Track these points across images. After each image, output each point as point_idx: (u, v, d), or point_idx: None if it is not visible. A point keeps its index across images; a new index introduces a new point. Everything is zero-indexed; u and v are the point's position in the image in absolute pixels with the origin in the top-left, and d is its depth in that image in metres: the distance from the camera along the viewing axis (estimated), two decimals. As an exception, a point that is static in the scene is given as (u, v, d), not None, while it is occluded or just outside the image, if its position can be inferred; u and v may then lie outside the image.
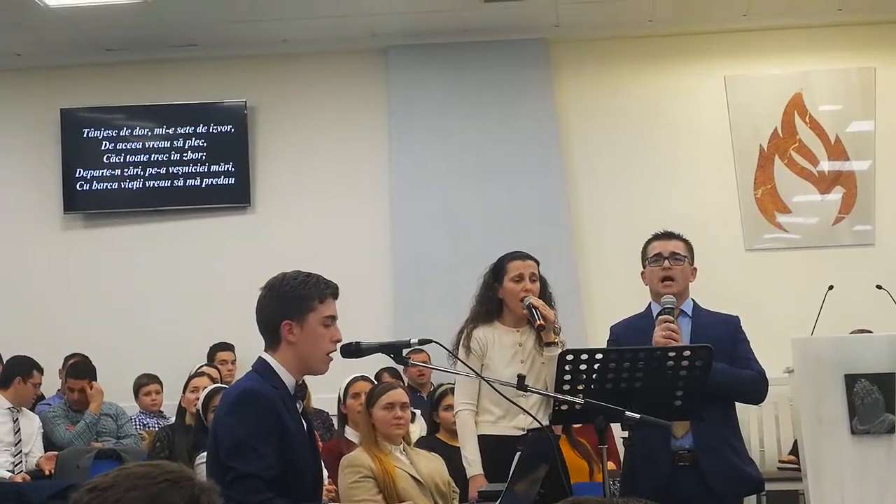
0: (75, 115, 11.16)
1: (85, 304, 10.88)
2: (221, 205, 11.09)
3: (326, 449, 7.10)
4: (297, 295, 4.20)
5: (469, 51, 10.98)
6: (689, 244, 5.62)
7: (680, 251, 5.53)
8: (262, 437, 4.02)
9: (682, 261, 5.50)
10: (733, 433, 5.43)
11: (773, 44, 10.88)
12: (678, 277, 5.47)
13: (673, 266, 5.47)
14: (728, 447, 5.32)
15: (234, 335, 9.90)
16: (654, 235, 5.66)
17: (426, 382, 9.75)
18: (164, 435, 7.78)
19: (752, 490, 5.73)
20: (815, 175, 10.70)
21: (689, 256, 5.57)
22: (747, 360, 5.37)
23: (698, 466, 5.24)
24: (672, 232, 5.65)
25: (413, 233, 10.72)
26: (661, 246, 5.55)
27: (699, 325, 5.45)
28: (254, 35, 10.89)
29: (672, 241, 5.58)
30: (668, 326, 5.20)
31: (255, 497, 3.97)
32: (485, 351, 5.81)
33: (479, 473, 5.62)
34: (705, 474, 5.22)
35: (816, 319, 8.74)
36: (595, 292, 10.47)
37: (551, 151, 10.80)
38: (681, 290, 5.48)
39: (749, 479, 5.43)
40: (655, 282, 5.50)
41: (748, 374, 5.32)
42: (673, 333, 5.17)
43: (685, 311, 5.49)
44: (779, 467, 9.43)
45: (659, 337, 5.17)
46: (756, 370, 5.36)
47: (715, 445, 5.25)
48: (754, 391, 5.40)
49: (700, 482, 5.21)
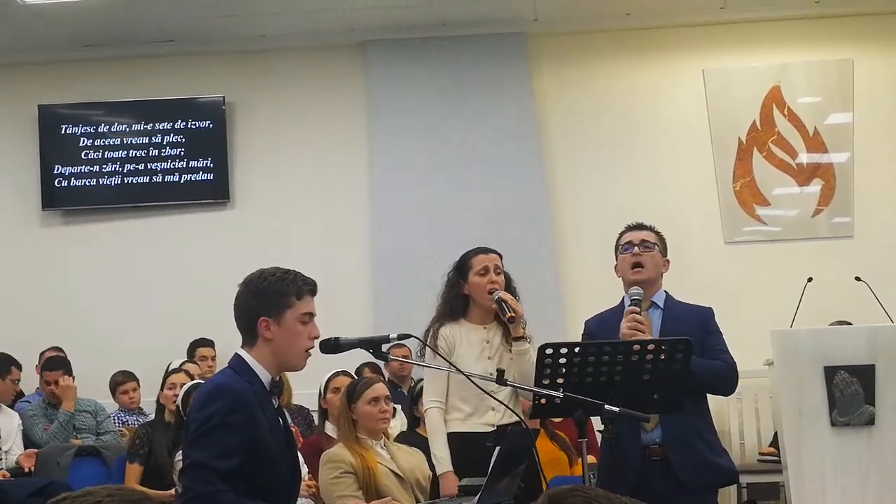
0: (53, 112, 11.12)
1: (64, 300, 10.85)
2: (200, 200, 11.07)
3: (307, 444, 7.12)
4: (274, 291, 4.19)
5: (447, 45, 10.98)
6: (661, 235, 5.62)
7: (650, 239, 5.53)
8: (224, 430, 3.99)
9: (651, 248, 5.49)
10: (705, 425, 5.38)
11: (751, 36, 10.90)
12: (648, 264, 5.45)
13: (643, 253, 5.46)
14: (699, 439, 5.27)
15: (213, 331, 9.87)
16: (627, 227, 5.67)
17: (407, 377, 9.77)
18: (143, 432, 7.77)
19: (725, 482, 5.68)
20: (793, 167, 10.73)
21: (661, 246, 5.56)
22: (718, 351, 5.32)
23: (668, 460, 5.23)
24: (643, 223, 5.66)
25: (392, 228, 10.72)
26: (632, 235, 5.56)
27: (670, 316, 5.43)
28: (231, 30, 10.88)
29: (643, 231, 5.58)
30: (634, 318, 5.18)
31: (203, 486, 3.95)
32: (452, 349, 5.76)
33: (448, 470, 5.59)
34: (675, 467, 5.19)
35: (796, 311, 8.75)
36: (575, 287, 10.47)
37: (531, 145, 10.80)
38: (651, 278, 5.46)
39: (721, 471, 5.37)
40: (626, 270, 5.49)
41: (718, 364, 5.28)
42: (639, 325, 5.15)
43: (657, 303, 5.47)
44: (759, 459, 9.45)
45: (625, 328, 5.16)
46: (726, 361, 5.34)
47: (684, 438, 5.22)
48: (724, 382, 5.36)
49: (671, 476, 5.18)
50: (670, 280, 5.61)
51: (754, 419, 9.98)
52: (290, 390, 8.57)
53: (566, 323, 10.02)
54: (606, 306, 5.70)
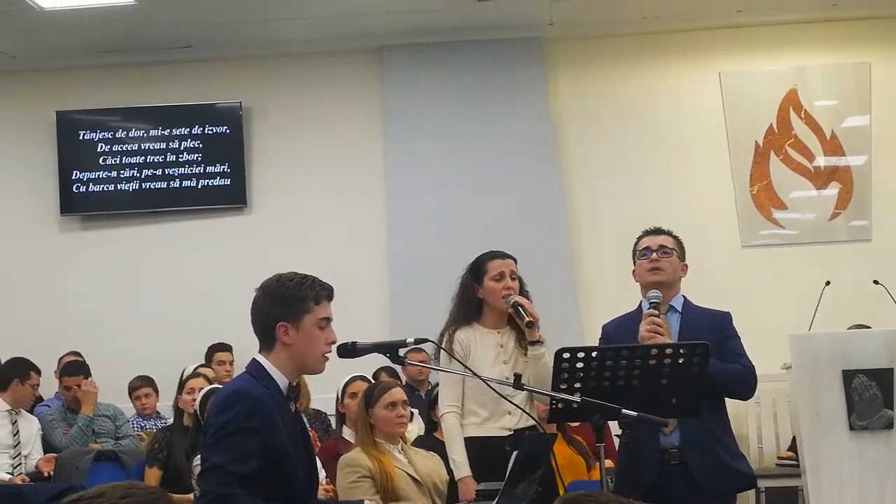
0: (71, 118, 11.15)
1: (82, 305, 10.87)
2: (217, 206, 11.09)
3: (324, 449, 7.11)
4: (292, 296, 4.19)
5: (463, 50, 10.97)
6: (679, 240, 5.62)
7: (668, 244, 5.53)
8: (241, 434, 4.00)
9: (670, 254, 5.49)
10: (723, 429, 5.38)
11: (767, 39, 10.89)
12: (667, 269, 5.45)
13: (661, 258, 5.46)
14: (716, 443, 5.26)
15: (231, 336, 9.87)
16: (644, 232, 5.66)
17: (424, 381, 9.76)
18: (162, 436, 7.78)
19: (743, 486, 5.67)
20: (810, 171, 10.71)
21: (679, 251, 5.56)
22: (736, 355, 5.31)
23: (687, 464, 5.22)
24: (661, 228, 5.65)
25: (408, 233, 10.72)
26: (650, 240, 5.55)
27: (688, 320, 5.43)
28: (248, 36, 10.89)
29: (661, 236, 5.58)
30: (653, 321, 5.18)
31: (220, 488, 3.95)
32: (467, 353, 5.74)
33: (467, 475, 5.58)
34: (693, 472, 5.18)
35: (814, 315, 8.75)
36: (591, 292, 10.45)
37: (546, 150, 10.78)
38: (669, 281, 5.46)
39: (739, 476, 5.36)
40: (644, 275, 5.49)
41: (736, 368, 5.27)
42: (658, 328, 5.16)
43: (675, 307, 5.47)
44: (777, 464, 9.43)
45: (643, 331, 5.16)
46: (745, 365, 5.33)
47: (703, 442, 5.21)
48: (743, 386, 5.35)
49: (689, 480, 5.17)
50: (687, 284, 5.60)
51: (772, 423, 9.95)
52: (308, 395, 8.57)
53: (583, 328, 10.01)
54: (623, 311, 5.68)
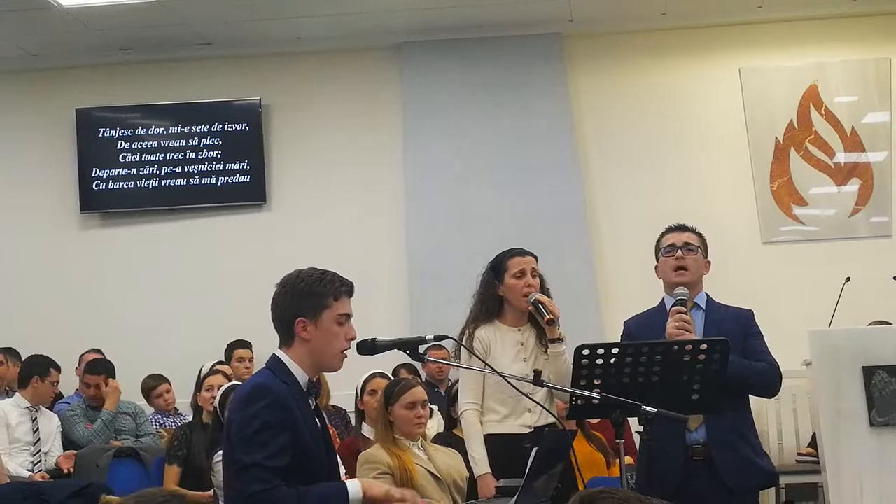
0: (91, 115, 11.19)
1: (102, 302, 10.92)
2: (237, 203, 11.12)
3: (344, 445, 7.12)
4: (311, 292, 4.20)
5: (483, 46, 10.98)
6: (703, 237, 5.62)
7: (693, 242, 5.53)
8: (269, 431, 4.01)
9: (694, 251, 5.49)
10: (747, 426, 5.40)
11: (787, 36, 10.85)
12: (691, 267, 5.46)
13: (686, 256, 5.46)
14: (741, 440, 5.29)
15: (250, 332, 9.90)
16: (668, 228, 5.66)
17: (444, 378, 9.76)
18: (181, 433, 7.80)
19: (766, 484, 5.69)
20: (831, 167, 10.68)
21: (703, 249, 5.56)
22: (760, 352, 5.34)
23: (711, 460, 5.22)
24: (685, 225, 5.65)
25: (427, 229, 10.73)
26: (675, 237, 5.55)
27: (712, 318, 5.44)
28: (267, 33, 10.91)
29: (685, 233, 5.58)
30: (681, 318, 5.18)
31: (258, 485, 3.95)
32: (488, 351, 5.76)
33: (487, 472, 5.59)
34: (718, 468, 5.19)
35: (834, 311, 8.72)
36: (611, 288, 10.45)
37: (566, 147, 10.78)
38: (694, 280, 5.47)
39: (763, 473, 5.40)
40: (668, 272, 5.49)
41: (761, 366, 5.29)
42: (686, 325, 5.16)
43: (699, 304, 5.47)
44: (797, 460, 9.42)
45: (671, 328, 5.16)
46: (770, 363, 5.33)
47: (728, 439, 5.23)
48: (767, 384, 5.37)
49: (714, 476, 5.19)
50: (707, 280, 5.61)
51: (792, 420, 9.94)
52: (328, 392, 8.57)
53: (603, 325, 10.00)
54: (643, 307, 5.69)
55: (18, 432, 8.31)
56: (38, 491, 7.52)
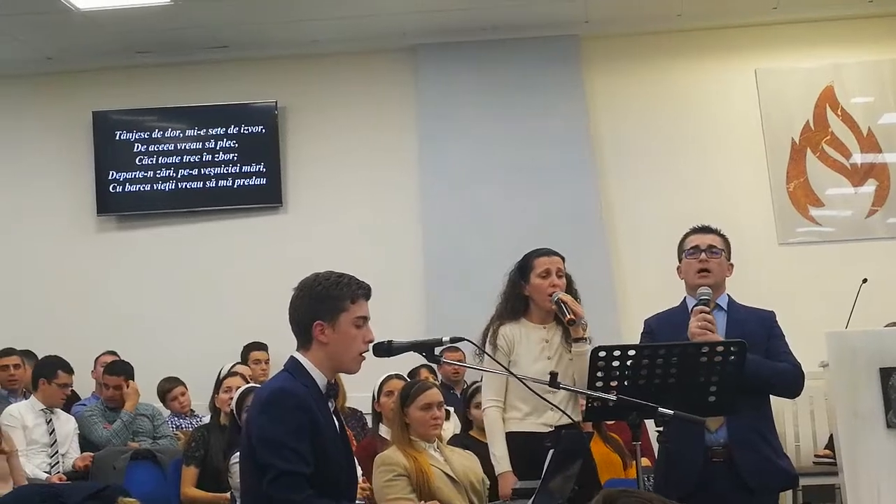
0: (107, 118, 11.22)
1: (118, 305, 10.94)
2: (253, 205, 11.14)
3: (361, 447, 7.13)
4: (329, 295, 4.21)
5: (499, 48, 10.98)
6: (727, 239, 5.62)
7: (717, 244, 5.53)
8: (295, 435, 4.03)
9: (718, 254, 5.50)
10: (768, 427, 5.41)
11: (803, 37, 10.84)
12: (714, 270, 5.46)
13: (710, 258, 5.46)
14: (763, 441, 5.29)
15: (267, 335, 9.92)
16: (692, 229, 5.66)
17: (460, 380, 9.76)
18: (199, 435, 7.79)
19: (787, 485, 5.69)
20: (847, 168, 10.66)
21: (726, 251, 5.57)
22: (783, 354, 5.34)
23: (732, 461, 5.21)
24: (709, 226, 5.65)
25: (443, 231, 10.74)
26: (699, 239, 5.55)
27: (734, 319, 5.44)
28: (283, 35, 10.93)
29: (709, 235, 5.58)
30: (704, 317, 5.18)
31: (298, 494, 3.98)
32: (512, 348, 5.80)
33: (507, 470, 5.61)
34: (739, 469, 5.18)
35: (851, 313, 8.71)
36: (628, 290, 10.45)
37: (582, 148, 10.78)
38: (717, 283, 5.47)
39: (783, 474, 5.39)
40: (692, 274, 5.49)
41: (784, 366, 5.29)
42: (709, 324, 5.16)
43: (721, 306, 5.47)
44: (814, 462, 9.38)
45: (694, 328, 5.15)
46: (793, 364, 5.33)
47: (749, 439, 5.23)
48: (790, 384, 5.37)
49: (734, 477, 5.18)
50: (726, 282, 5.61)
51: (810, 421, 9.90)
52: (344, 394, 8.55)
53: (620, 325, 9.99)
54: (660, 308, 5.69)
55: (35, 434, 8.31)
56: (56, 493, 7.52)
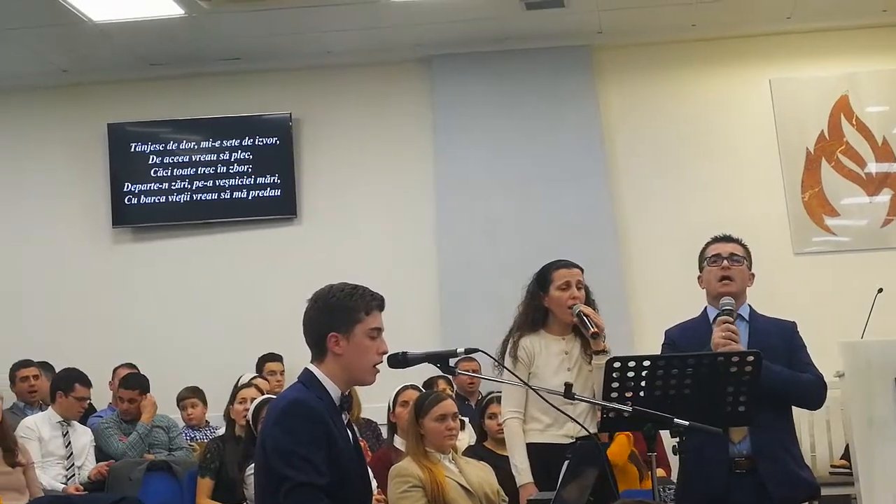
0: (122, 130, 11.25)
1: (134, 317, 10.97)
2: (268, 217, 11.16)
3: (376, 458, 7.12)
4: (343, 307, 4.21)
5: (512, 59, 10.99)
6: (748, 249, 5.61)
7: (738, 253, 5.52)
8: (311, 446, 4.03)
9: (740, 262, 5.48)
10: (790, 438, 5.40)
11: (817, 46, 10.81)
12: (736, 278, 5.45)
13: (732, 266, 5.45)
14: (786, 452, 5.27)
15: (282, 346, 9.94)
16: (713, 238, 5.65)
17: (475, 391, 9.75)
18: (214, 446, 7.80)
19: (810, 496, 5.66)
20: (862, 177, 10.64)
21: (748, 260, 5.56)
22: (805, 364, 5.33)
23: (755, 473, 5.19)
24: (731, 235, 5.65)
25: (458, 242, 10.74)
26: (720, 247, 5.54)
27: (756, 329, 5.42)
28: (297, 47, 10.94)
29: (731, 244, 5.57)
30: (728, 327, 5.16)
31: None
32: (532, 359, 5.78)
33: (529, 482, 5.59)
34: (763, 480, 5.16)
35: (866, 323, 8.68)
36: (641, 299, 10.43)
37: (596, 158, 10.78)
38: (738, 291, 5.45)
39: (807, 485, 5.36)
40: (713, 282, 5.47)
41: (807, 377, 5.27)
42: (732, 334, 5.15)
43: (742, 316, 5.45)
44: (830, 472, 9.37)
45: (718, 338, 5.13)
46: (814, 374, 5.33)
47: (773, 451, 5.20)
48: (813, 395, 5.34)
49: (757, 489, 5.15)
50: (744, 292, 5.60)
51: (825, 431, 9.88)
52: (359, 405, 8.57)
53: (633, 334, 9.98)
54: (673, 317, 5.68)
55: (51, 446, 8.33)
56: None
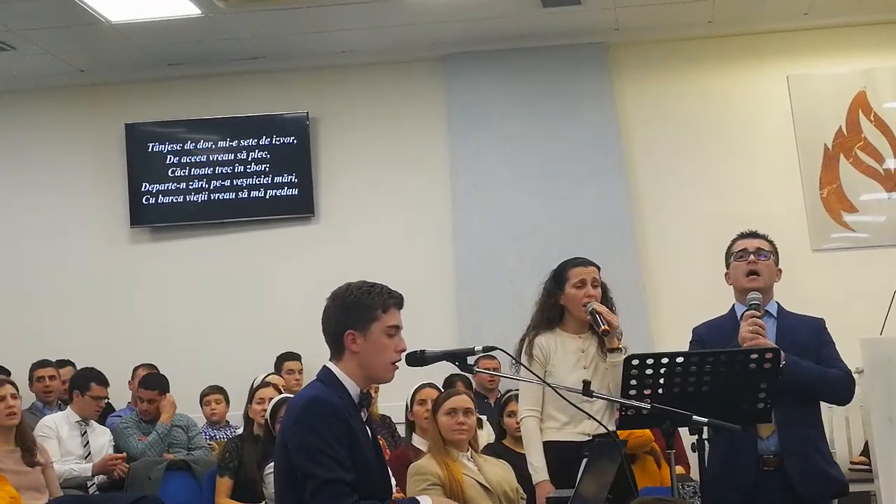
0: (140, 130, 11.28)
1: (153, 316, 10.99)
2: (285, 216, 11.17)
3: (394, 456, 7.11)
4: (361, 305, 4.21)
5: (529, 56, 10.98)
6: (774, 245, 5.62)
7: (765, 248, 5.53)
8: (335, 443, 4.02)
9: (767, 257, 5.49)
10: (818, 435, 5.39)
11: (835, 42, 10.78)
12: (764, 272, 5.46)
13: (759, 261, 5.46)
14: (814, 449, 5.27)
15: (300, 345, 9.95)
16: (740, 234, 5.68)
17: (495, 389, 9.74)
18: (233, 445, 7.80)
19: (838, 493, 5.63)
20: (881, 173, 10.60)
21: (775, 255, 5.56)
22: (833, 360, 5.34)
23: (783, 470, 5.19)
24: (757, 231, 5.65)
25: (475, 240, 10.74)
26: (747, 243, 5.56)
27: (784, 326, 5.43)
28: (314, 47, 10.95)
29: (757, 239, 5.60)
30: (755, 322, 5.17)
31: (343, 501, 3.98)
32: (548, 358, 5.78)
33: (545, 479, 5.59)
34: (791, 478, 5.16)
35: (885, 319, 8.63)
36: (660, 296, 10.40)
37: (613, 155, 10.76)
38: (766, 286, 5.46)
39: (835, 482, 5.36)
40: (740, 277, 5.48)
41: (835, 372, 5.29)
42: (759, 329, 5.14)
43: (770, 312, 5.45)
44: (850, 469, 9.32)
45: (745, 332, 5.14)
46: (843, 370, 5.32)
47: (801, 447, 5.21)
48: (842, 390, 5.36)
49: (785, 486, 5.16)
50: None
51: (845, 428, 9.84)
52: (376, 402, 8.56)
53: (651, 332, 9.96)
54: (692, 314, 5.68)
55: (69, 445, 8.34)
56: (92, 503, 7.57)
